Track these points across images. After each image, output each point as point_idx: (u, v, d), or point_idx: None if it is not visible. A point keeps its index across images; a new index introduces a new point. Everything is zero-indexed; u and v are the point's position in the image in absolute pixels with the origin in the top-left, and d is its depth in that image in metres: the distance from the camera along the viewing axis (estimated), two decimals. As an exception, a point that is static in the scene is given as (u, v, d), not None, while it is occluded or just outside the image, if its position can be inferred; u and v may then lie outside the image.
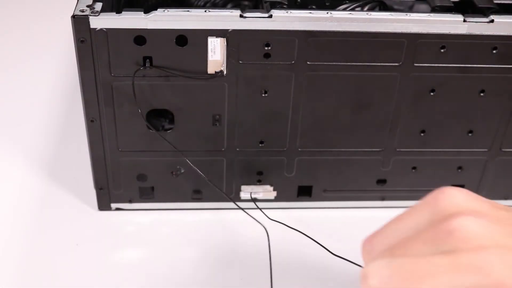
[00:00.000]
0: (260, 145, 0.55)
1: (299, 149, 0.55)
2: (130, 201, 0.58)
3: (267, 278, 0.52)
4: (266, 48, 0.49)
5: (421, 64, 0.51)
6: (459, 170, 0.58)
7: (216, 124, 0.53)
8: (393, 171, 0.57)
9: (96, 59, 0.48)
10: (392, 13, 0.48)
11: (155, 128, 0.53)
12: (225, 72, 0.50)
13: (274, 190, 0.58)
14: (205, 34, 0.47)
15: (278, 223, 0.54)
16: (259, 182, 0.57)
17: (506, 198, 0.61)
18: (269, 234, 0.55)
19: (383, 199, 0.60)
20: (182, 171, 0.56)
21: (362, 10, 0.52)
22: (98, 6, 0.47)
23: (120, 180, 0.56)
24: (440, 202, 0.32)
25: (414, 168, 0.57)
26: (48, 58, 0.82)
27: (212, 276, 0.52)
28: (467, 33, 0.49)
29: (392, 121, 0.54)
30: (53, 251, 0.54)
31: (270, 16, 0.47)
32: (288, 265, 0.53)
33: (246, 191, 0.58)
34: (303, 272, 0.53)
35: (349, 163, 0.57)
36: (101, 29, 0.47)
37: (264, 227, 0.55)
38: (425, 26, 0.48)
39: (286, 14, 0.47)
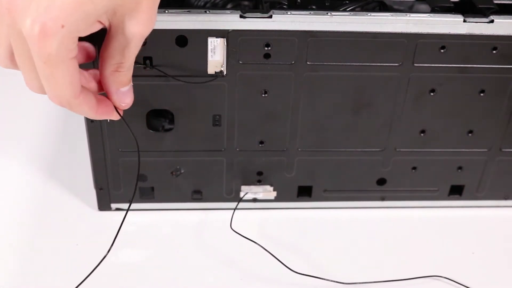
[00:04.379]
0: (260, 145, 0.55)
1: (299, 149, 0.55)
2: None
3: (267, 278, 0.52)
4: (266, 48, 0.49)
5: (421, 64, 0.51)
6: (459, 170, 0.58)
7: (216, 124, 0.53)
8: (393, 171, 0.57)
9: (96, 59, 0.48)
10: (392, 13, 0.48)
11: (155, 128, 0.53)
12: (225, 72, 0.50)
13: (274, 190, 0.58)
14: (205, 34, 0.47)
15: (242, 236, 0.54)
16: (259, 182, 0.57)
17: (506, 198, 0.61)
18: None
19: (383, 199, 0.60)
20: (182, 171, 0.56)
21: (362, 10, 0.52)
22: (98, 6, 0.47)
23: (120, 180, 0.56)
24: None
25: (414, 168, 0.57)
26: (48, 58, 0.82)
27: (212, 276, 0.52)
28: (467, 33, 0.49)
29: (392, 121, 0.54)
30: (53, 251, 0.54)
31: (270, 16, 0.47)
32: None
33: (246, 191, 0.58)
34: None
35: (349, 163, 0.57)
36: (101, 30, 0.46)
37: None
38: (425, 26, 0.48)
39: (286, 14, 0.47)
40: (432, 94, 0.53)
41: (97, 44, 0.44)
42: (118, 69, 0.42)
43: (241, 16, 0.47)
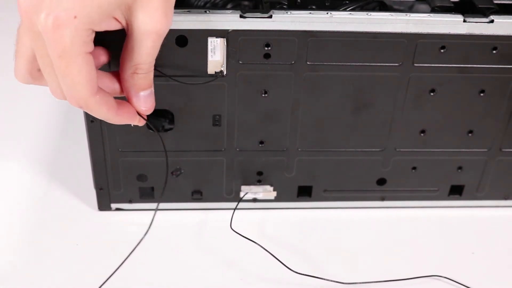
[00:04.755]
0: (260, 145, 0.55)
1: (299, 149, 0.55)
2: (130, 201, 0.58)
3: (267, 278, 0.52)
4: (266, 48, 0.49)
5: (421, 64, 0.51)
6: (459, 170, 0.58)
7: (216, 124, 0.53)
8: (393, 171, 0.57)
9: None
10: (392, 13, 0.48)
11: (155, 128, 0.53)
12: (225, 72, 0.50)
13: (274, 190, 0.58)
14: (205, 34, 0.47)
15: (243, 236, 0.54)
16: (259, 182, 0.57)
17: (506, 198, 0.61)
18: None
19: (383, 199, 0.60)
20: (182, 171, 0.56)
21: (362, 10, 0.52)
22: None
23: (120, 180, 0.56)
24: None
25: (414, 168, 0.57)
26: (48, 58, 0.82)
27: (212, 276, 0.52)
28: (467, 33, 0.49)
29: (392, 121, 0.54)
30: (53, 251, 0.54)
31: (270, 16, 0.47)
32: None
33: (246, 191, 0.58)
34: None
35: (349, 163, 0.57)
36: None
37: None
38: (425, 26, 0.48)
39: (286, 14, 0.47)
40: (432, 94, 0.53)
41: (111, 48, 0.44)
42: (137, 71, 0.42)
43: (241, 16, 0.47)
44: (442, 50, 0.50)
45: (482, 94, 0.53)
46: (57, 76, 0.39)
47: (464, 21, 0.48)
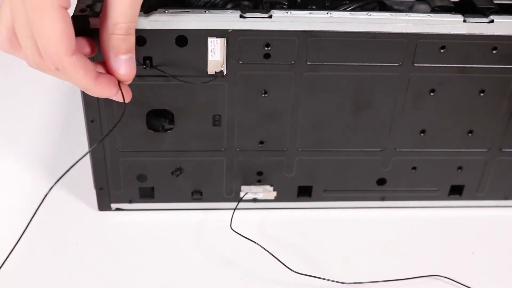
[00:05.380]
0: (260, 145, 0.55)
1: (299, 149, 0.55)
2: (130, 201, 0.58)
3: (267, 278, 0.52)
4: (266, 48, 0.49)
5: (421, 64, 0.51)
6: (459, 170, 0.58)
7: (216, 124, 0.53)
8: (393, 171, 0.57)
9: (96, 59, 0.48)
10: (392, 13, 0.48)
11: (155, 129, 0.53)
12: (225, 72, 0.50)
13: (274, 190, 0.58)
14: (205, 34, 0.47)
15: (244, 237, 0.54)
16: (259, 182, 0.57)
17: (506, 198, 0.61)
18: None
19: (383, 199, 0.60)
20: (182, 171, 0.56)
21: (362, 10, 0.52)
22: (98, 6, 0.47)
23: (120, 180, 0.56)
24: None
25: (414, 168, 0.57)
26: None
27: (212, 276, 0.52)
28: (467, 33, 0.49)
29: (392, 121, 0.54)
30: (53, 251, 0.54)
31: (270, 16, 0.47)
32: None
33: (246, 191, 0.58)
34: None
35: (349, 163, 0.57)
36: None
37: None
38: (425, 26, 0.48)
39: (286, 14, 0.47)
40: (432, 94, 0.53)
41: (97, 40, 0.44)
42: (115, 32, 0.41)
43: (241, 16, 0.47)
44: (442, 50, 0.50)
45: (482, 94, 0.53)
46: (33, 35, 0.38)
47: (464, 21, 0.48)
